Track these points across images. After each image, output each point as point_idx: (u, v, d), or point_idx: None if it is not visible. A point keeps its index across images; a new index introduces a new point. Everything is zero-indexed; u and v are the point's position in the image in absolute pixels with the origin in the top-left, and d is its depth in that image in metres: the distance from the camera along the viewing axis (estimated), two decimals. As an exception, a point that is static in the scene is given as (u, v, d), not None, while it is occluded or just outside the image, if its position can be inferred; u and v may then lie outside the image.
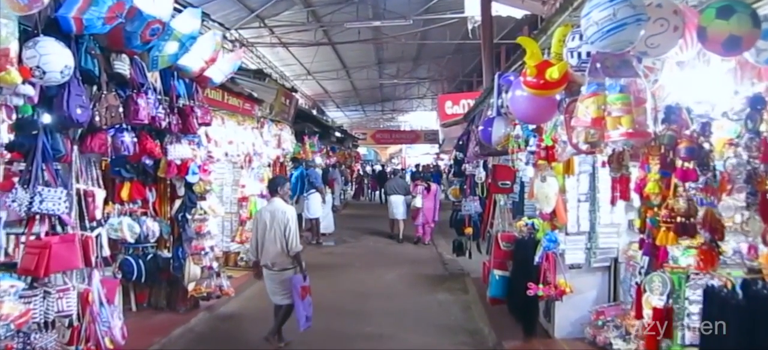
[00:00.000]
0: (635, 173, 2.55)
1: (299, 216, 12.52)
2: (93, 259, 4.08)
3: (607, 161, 2.60)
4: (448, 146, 22.90)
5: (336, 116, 33.77)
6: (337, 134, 22.09)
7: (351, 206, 22.64)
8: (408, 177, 20.18)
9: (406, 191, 13.08)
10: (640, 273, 2.32)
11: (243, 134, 8.04)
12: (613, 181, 2.66)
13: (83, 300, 4.07)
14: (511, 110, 3.04)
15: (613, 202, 2.87)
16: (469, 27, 11.46)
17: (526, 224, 6.14)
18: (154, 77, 5.00)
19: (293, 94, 11.50)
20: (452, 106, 14.06)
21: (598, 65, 2.13)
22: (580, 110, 2.23)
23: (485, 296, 7.25)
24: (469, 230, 8.59)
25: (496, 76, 4.67)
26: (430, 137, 29.61)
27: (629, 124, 2.11)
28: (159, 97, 5.05)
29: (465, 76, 22.78)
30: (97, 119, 3.97)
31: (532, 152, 3.37)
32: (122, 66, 4.33)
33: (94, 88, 4.19)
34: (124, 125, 4.53)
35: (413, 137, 32.18)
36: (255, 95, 8.38)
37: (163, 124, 5.00)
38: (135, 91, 4.48)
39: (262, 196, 8.87)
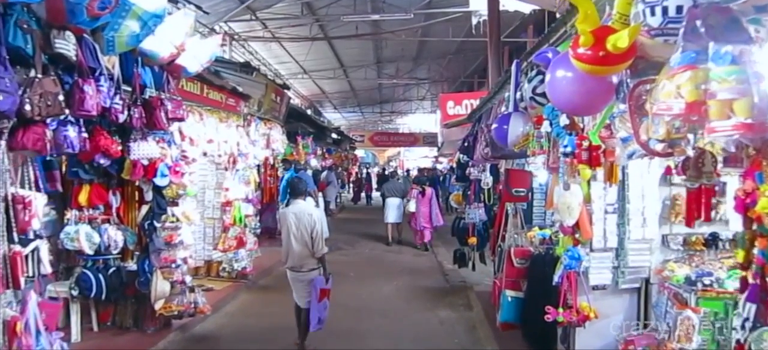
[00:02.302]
0: (733, 183, 1.84)
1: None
2: (22, 280, 3.36)
3: (681, 166, 1.90)
4: (448, 149, 22.23)
5: (333, 117, 33.12)
6: (334, 135, 21.36)
7: (348, 210, 21.91)
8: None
9: (403, 194, 12.67)
10: (742, 328, 1.64)
11: (226, 132, 7.30)
12: (690, 194, 1.96)
13: (10, 329, 3.35)
14: (549, 97, 2.33)
15: (689, 223, 2.15)
16: (473, 22, 10.77)
17: (540, 237, 5.45)
18: (110, 62, 4.27)
19: (285, 91, 10.78)
20: (454, 106, 13.36)
21: (699, 23, 1.42)
22: (666, 92, 1.51)
23: (492, 314, 6.62)
24: (473, 240, 7.86)
25: (513, 65, 3.96)
26: (429, 140, 28.96)
27: (746, 111, 1.40)
28: (117, 86, 4.32)
29: (466, 77, 22.16)
30: (27, 107, 3.23)
31: (567, 154, 2.66)
32: (65, 46, 3.59)
33: (31, 71, 3.45)
34: (70, 117, 3.78)
35: (412, 139, 31.52)
36: (240, 89, 7.65)
37: (121, 117, 4.26)
38: (82, 77, 3.73)
39: (247, 201, 8.14)
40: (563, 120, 2.83)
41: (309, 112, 18.88)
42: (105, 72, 4.05)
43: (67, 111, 3.64)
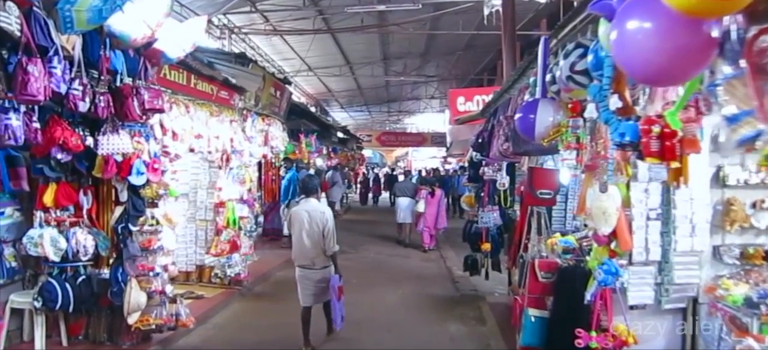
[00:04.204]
0: None
1: (291, 223, 11.31)
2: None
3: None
4: (457, 150, 21.56)
5: (341, 117, 32.61)
6: (339, 134, 20.75)
7: (354, 211, 21.28)
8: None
9: (414, 194, 12.44)
10: None
11: (218, 127, 6.70)
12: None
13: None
14: (617, 60, 1.69)
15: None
16: (486, 12, 10.09)
17: (563, 245, 4.80)
18: (69, 42, 3.68)
19: (286, 86, 10.18)
20: (465, 102, 12.70)
21: None
22: None
23: (507, 328, 6.00)
24: (486, 246, 7.20)
25: (541, 42, 3.33)
26: (437, 140, 28.34)
27: None
28: (78, 69, 3.73)
29: (476, 74, 21.50)
30: (-50, 89, 2.66)
31: (625, 145, 2.01)
32: (6, 18, 3.04)
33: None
34: (14, 104, 3.20)
35: (420, 139, 30.93)
36: (233, 81, 7.05)
37: (82, 105, 3.68)
38: (28, 55, 3.14)
39: (242, 201, 7.55)
40: (614, 102, 2.19)
41: (313, 110, 18.28)
42: (60, 52, 3.47)
43: (8, 95, 3.07)
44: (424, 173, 19.85)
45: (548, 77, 3.11)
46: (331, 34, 14.31)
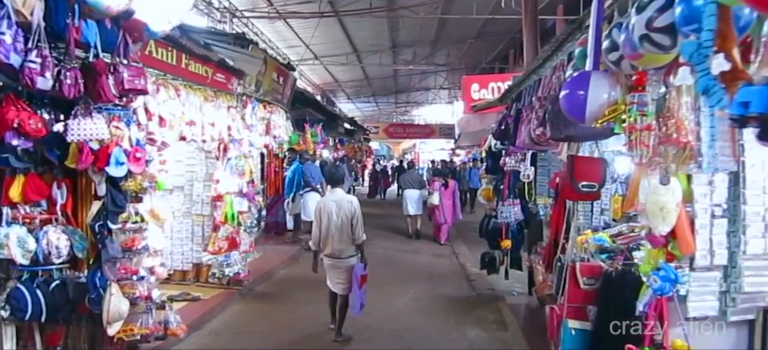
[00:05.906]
0: None
1: (295, 218, 10.78)
2: None
3: None
4: (465, 142, 20.92)
5: (348, 108, 32.05)
6: (346, 125, 20.13)
7: (362, 204, 20.71)
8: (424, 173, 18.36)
9: (421, 185, 12.14)
10: None
11: (214, 114, 6.12)
12: None
13: None
14: None
15: None
16: (503, -7, 9.43)
17: (595, 243, 4.21)
18: (26, 6, 3.10)
19: (290, 71, 9.58)
20: (479, 89, 12.11)
21: None
22: None
23: (530, 331, 5.51)
24: (506, 244, 6.60)
25: (594, 2, 2.70)
26: (445, 131, 27.72)
27: None
28: (38, 39, 3.16)
29: (488, 63, 20.79)
30: None
31: (748, 118, 1.38)
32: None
33: None
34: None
35: (428, 131, 30.32)
36: (231, 63, 6.46)
37: (41, 81, 3.11)
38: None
39: (241, 194, 6.99)
40: (719, 64, 1.59)
41: (319, 99, 17.66)
42: (12, 16, 2.90)
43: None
44: (435, 164, 19.26)
45: (606, 44, 2.49)
46: (338, 19, 13.66)
